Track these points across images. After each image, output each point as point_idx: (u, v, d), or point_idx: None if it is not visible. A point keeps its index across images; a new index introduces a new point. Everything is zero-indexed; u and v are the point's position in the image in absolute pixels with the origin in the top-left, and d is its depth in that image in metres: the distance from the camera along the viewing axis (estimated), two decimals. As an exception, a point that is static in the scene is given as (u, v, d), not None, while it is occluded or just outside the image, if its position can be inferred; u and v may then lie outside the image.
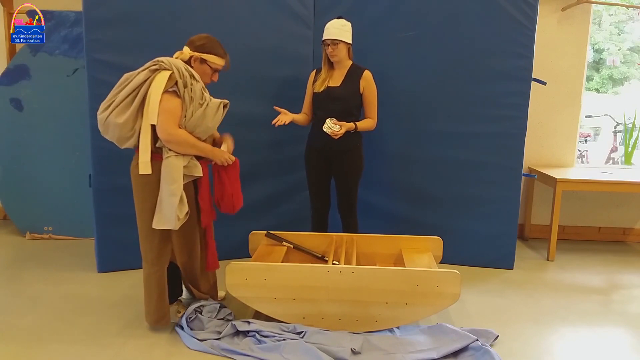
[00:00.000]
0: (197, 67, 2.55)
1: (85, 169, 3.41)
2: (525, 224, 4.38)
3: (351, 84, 3.13)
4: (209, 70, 2.58)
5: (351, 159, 3.19)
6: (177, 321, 2.61)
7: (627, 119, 4.95)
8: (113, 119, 2.36)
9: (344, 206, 3.28)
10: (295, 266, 2.61)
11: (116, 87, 2.42)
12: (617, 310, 3.03)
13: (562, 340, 2.63)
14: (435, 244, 3.11)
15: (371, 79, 3.16)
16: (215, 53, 2.56)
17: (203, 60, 2.55)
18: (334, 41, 3.05)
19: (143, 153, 2.39)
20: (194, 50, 2.54)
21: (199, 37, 2.57)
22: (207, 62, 2.56)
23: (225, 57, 2.61)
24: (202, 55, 2.54)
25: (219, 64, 2.59)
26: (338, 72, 3.16)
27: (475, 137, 3.52)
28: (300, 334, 2.47)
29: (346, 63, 3.16)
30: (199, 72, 2.55)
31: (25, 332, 2.55)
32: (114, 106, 2.37)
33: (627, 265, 3.86)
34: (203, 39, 2.56)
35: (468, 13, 3.41)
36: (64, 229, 4.10)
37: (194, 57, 2.54)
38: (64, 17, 3.92)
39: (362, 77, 3.14)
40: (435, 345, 2.42)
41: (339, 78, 3.15)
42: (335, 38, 3.04)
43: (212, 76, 2.62)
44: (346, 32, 3.07)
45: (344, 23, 3.08)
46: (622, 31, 7.48)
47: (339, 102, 3.11)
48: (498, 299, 3.11)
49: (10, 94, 3.98)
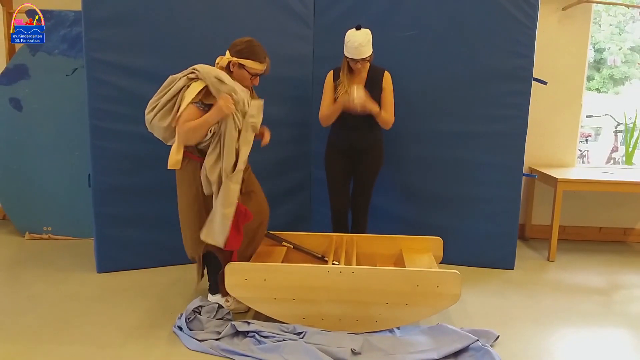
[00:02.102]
0: (235, 71, 2.58)
1: (84, 169, 3.40)
2: (526, 224, 4.37)
3: (374, 86, 3.11)
4: (248, 74, 2.58)
5: (374, 155, 3.23)
6: (176, 322, 2.60)
7: (628, 118, 4.94)
8: (157, 122, 2.54)
9: (360, 204, 3.30)
10: (295, 266, 2.60)
11: (161, 90, 2.55)
12: (618, 310, 3.02)
13: (562, 341, 2.62)
14: (436, 244, 3.10)
15: (390, 79, 3.16)
16: (254, 58, 2.55)
17: (241, 65, 2.55)
18: (364, 60, 2.99)
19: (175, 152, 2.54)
20: (233, 54, 2.56)
21: (240, 42, 2.57)
22: (245, 67, 2.56)
23: (264, 62, 2.60)
24: (240, 61, 2.54)
25: (258, 69, 2.58)
26: (359, 77, 3.12)
27: (475, 137, 3.51)
28: (300, 335, 2.46)
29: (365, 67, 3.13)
30: (238, 76, 2.58)
31: (24, 332, 2.55)
32: (157, 109, 2.52)
33: (628, 265, 3.85)
34: (242, 44, 2.56)
35: (469, 13, 3.40)
36: (63, 229, 4.09)
37: (233, 62, 2.55)
38: (63, 17, 3.92)
39: (384, 78, 3.14)
40: (436, 345, 2.41)
41: (360, 82, 3.11)
42: (364, 57, 2.97)
43: (252, 80, 2.62)
44: (370, 42, 2.99)
45: (368, 35, 2.96)
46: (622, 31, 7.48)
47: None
48: (499, 300, 3.11)
49: (10, 94, 3.97)
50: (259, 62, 2.57)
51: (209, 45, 3.33)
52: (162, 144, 3.34)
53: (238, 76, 2.58)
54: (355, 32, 2.95)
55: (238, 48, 2.57)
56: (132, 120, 3.29)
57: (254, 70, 2.58)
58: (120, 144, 3.29)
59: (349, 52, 2.99)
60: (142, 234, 3.41)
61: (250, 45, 2.57)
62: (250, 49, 2.56)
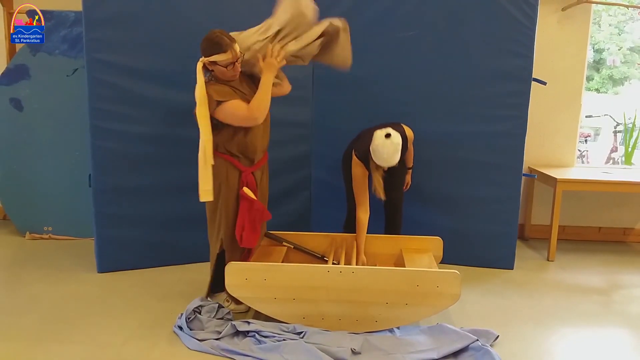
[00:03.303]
0: (214, 69, 2.56)
1: (85, 169, 3.40)
2: (526, 224, 4.37)
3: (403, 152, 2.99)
4: (224, 68, 2.53)
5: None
6: (176, 321, 2.61)
7: (627, 119, 4.94)
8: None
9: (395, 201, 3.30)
10: (295, 266, 2.61)
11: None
12: (617, 310, 3.03)
13: (562, 341, 2.62)
14: (436, 244, 3.11)
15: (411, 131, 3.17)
16: (217, 51, 2.48)
17: (213, 62, 2.52)
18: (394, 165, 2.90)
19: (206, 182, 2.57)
20: (202, 55, 2.54)
21: (202, 40, 2.53)
22: (217, 63, 2.52)
23: (229, 50, 2.48)
24: (209, 59, 2.51)
25: (229, 59, 2.51)
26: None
27: (475, 137, 3.51)
28: (300, 334, 2.46)
29: None
30: (218, 72, 2.56)
31: (24, 332, 2.55)
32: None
33: (628, 265, 3.85)
34: (203, 42, 2.53)
35: (468, 13, 3.40)
36: (63, 229, 4.09)
37: (205, 63, 2.53)
38: (64, 17, 3.92)
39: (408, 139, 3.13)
40: (436, 345, 2.41)
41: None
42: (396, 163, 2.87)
43: (230, 70, 2.55)
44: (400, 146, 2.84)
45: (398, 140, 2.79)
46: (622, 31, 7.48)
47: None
48: (498, 299, 3.11)
49: (10, 94, 3.97)
50: (223, 52, 2.48)
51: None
52: (162, 144, 3.37)
53: (218, 72, 2.56)
54: (386, 142, 2.77)
55: (202, 47, 2.52)
56: (133, 121, 3.30)
57: (226, 62, 2.51)
58: (121, 144, 3.29)
59: (378, 160, 2.85)
60: (142, 233, 3.42)
61: (210, 40, 2.49)
62: (211, 44, 2.48)
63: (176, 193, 3.39)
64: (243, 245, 2.65)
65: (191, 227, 3.42)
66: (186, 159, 2.98)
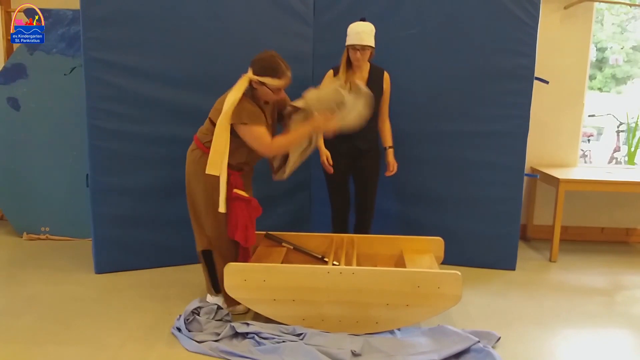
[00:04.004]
0: (258, 88, 2.56)
1: (82, 169, 3.38)
2: (528, 224, 4.35)
3: (375, 87, 3.08)
4: (270, 91, 2.55)
5: (375, 156, 3.23)
6: (175, 323, 2.58)
7: (630, 118, 4.92)
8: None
9: (366, 204, 3.29)
10: (295, 267, 2.59)
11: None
12: (620, 311, 3.00)
13: (564, 342, 2.60)
14: (437, 245, 3.08)
15: (389, 79, 3.17)
16: (273, 75, 2.51)
17: (262, 83, 2.52)
18: (364, 47, 2.97)
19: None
20: (254, 72, 2.53)
21: (259, 59, 2.54)
22: (266, 85, 2.53)
23: (284, 78, 2.54)
24: (261, 79, 2.51)
25: (279, 85, 2.55)
26: (359, 76, 3.10)
27: (476, 137, 3.49)
28: (299, 336, 2.44)
29: (365, 66, 3.12)
30: (261, 93, 2.57)
31: (22, 333, 2.53)
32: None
33: (630, 266, 3.83)
34: (260, 62, 2.53)
35: (470, 11, 3.38)
36: (61, 230, 4.07)
37: (254, 80, 2.53)
38: (62, 16, 3.90)
39: (384, 78, 3.14)
40: (437, 347, 2.39)
41: (360, 79, 3.08)
42: (367, 44, 2.97)
43: (276, 94, 2.59)
44: (373, 37, 3.02)
45: (372, 27, 3.00)
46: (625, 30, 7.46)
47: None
48: (500, 300, 3.09)
49: (7, 93, 3.95)
50: (278, 79, 2.52)
51: (208, 44, 3.33)
52: (160, 144, 3.35)
53: (261, 93, 2.57)
54: (359, 22, 2.99)
55: (258, 66, 2.53)
56: (131, 120, 3.28)
57: (275, 87, 2.54)
58: (119, 143, 3.26)
59: (350, 39, 2.98)
60: (140, 234, 3.39)
61: (269, 63, 2.51)
62: (269, 66, 2.51)
63: (174, 193, 3.36)
64: (249, 244, 2.67)
65: (189, 228, 3.38)
66: (184, 158, 2.95)
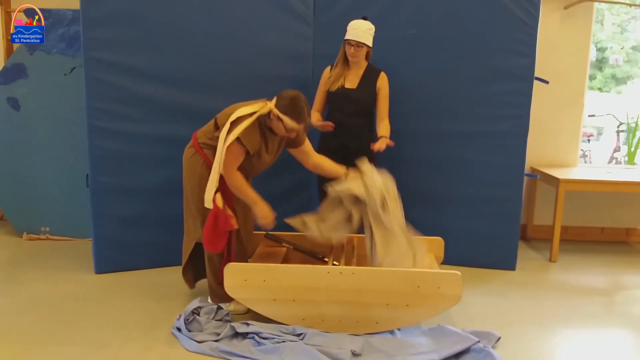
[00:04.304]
0: (274, 121, 2.60)
1: (82, 169, 3.38)
2: (528, 224, 4.35)
3: (368, 86, 3.14)
4: (284, 128, 2.59)
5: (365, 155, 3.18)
6: (175, 323, 2.58)
7: (630, 118, 4.92)
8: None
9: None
10: (295, 267, 2.59)
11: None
12: (620, 311, 3.00)
13: (564, 342, 2.60)
14: (437, 245, 3.08)
15: (386, 80, 3.19)
16: (293, 118, 2.55)
17: (279, 119, 2.56)
18: (359, 43, 3.04)
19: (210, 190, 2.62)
20: (276, 106, 2.57)
21: (286, 96, 2.59)
22: (283, 122, 2.56)
23: (302, 123, 2.60)
24: (280, 115, 2.55)
25: (295, 128, 2.59)
26: (354, 73, 3.15)
27: (477, 137, 3.49)
28: (299, 336, 2.44)
29: (362, 64, 3.17)
30: (275, 125, 2.62)
31: (22, 333, 2.53)
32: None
33: (631, 266, 3.83)
34: (287, 99, 2.57)
35: (470, 11, 3.38)
36: (61, 230, 4.06)
37: (273, 113, 2.57)
38: (62, 16, 3.89)
39: (379, 78, 3.17)
40: (437, 347, 2.39)
41: (355, 79, 3.15)
42: (361, 41, 3.03)
43: (288, 133, 2.63)
44: (371, 37, 3.08)
45: (371, 27, 3.08)
46: (625, 30, 7.46)
47: (356, 103, 3.15)
48: (500, 300, 3.08)
49: (7, 93, 3.95)
50: (296, 123, 2.57)
51: (208, 44, 3.33)
52: (160, 144, 3.34)
53: (275, 125, 2.61)
54: (360, 20, 3.07)
55: (283, 103, 2.57)
56: (131, 120, 3.28)
57: (291, 127, 2.59)
58: (119, 143, 3.26)
59: (347, 34, 3.05)
60: (140, 234, 3.39)
61: (295, 104, 2.56)
62: (293, 108, 2.56)
63: (174, 193, 3.34)
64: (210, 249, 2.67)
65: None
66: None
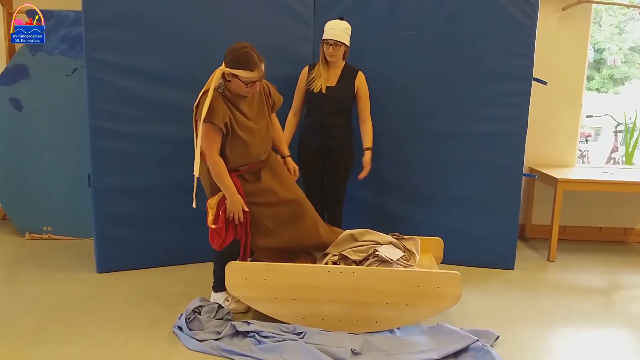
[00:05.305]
0: (232, 81, 2.49)
1: (84, 169, 3.39)
2: (526, 224, 4.36)
3: (346, 84, 3.18)
4: (242, 84, 2.48)
5: (345, 153, 3.27)
6: (176, 322, 2.60)
7: (628, 118, 4.94)
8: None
9: (334, 200, 3.33)
10: (295, 266, 2.60)
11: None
12: (618, 310, 3.02)
13: (563, 341, 2.62)
14: (436, 245, 3.10)
15: (364, 79, 3.22)
16: (244, 67, 2.43)
17: (234, 75, 2.46)
18: (337, 42, 3.08)
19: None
20: (226, 65, 2.47)
21: (231, 50, 2.48)
22: (238, 77, 2.46)
23: (256, 70, 2.46)
24: (232, 71, 2.45)
25: (252, 78, 2.47)
26: (332, 72, 3.20)
27: (475, 137, 3.50)
28: (300, 335, 2.45)
29: (340, 63, 3.21)
30: (235, 85, 2.49)
31: (24, 332, 2.54)
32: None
33: (628, 265, 3.84)
34: (232, 52, 2.47)
35: (468, 12, 3.40)
36: (63, 229, 4.08)
37: (226, 73, 2.47)
38: (64, 17, 3.91)
39: (357, 78, 3.20)
40: (436, 345, 2.41)
41: (333, 78, 3.19)
42: (339, 40, 3.07)
43: (249, 88, 2.50)
44: (348, 36, 3.12)
45: (347, 26, 3.12)
46: (622, 31, 7.47)
47: (334, 102, 3.17)
48: (499, 300, 3.10)
49: (10, 94, 3.96)
50: (250, 71, 2.44)
51: (209, 45, 3.34)
52: (161, 144, 3.36)
53: (235, 85, 2.49)
54: (337, 20, 3.13)
55: (229, 58, 2.46)
56: (132, 120, 3.29)
57: (248, 80, 2.46)
58: (120, 144, 3.28)
59: (324, 34, 3.11)
60: (142, 234, 3.41)
61: (240, 54, 2.44)
62: (240, 58, 2.44)
63: (176, 193, 3.37)
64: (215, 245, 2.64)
65: (191, 228, 3.41)
66: (185, 159, 2.96)
